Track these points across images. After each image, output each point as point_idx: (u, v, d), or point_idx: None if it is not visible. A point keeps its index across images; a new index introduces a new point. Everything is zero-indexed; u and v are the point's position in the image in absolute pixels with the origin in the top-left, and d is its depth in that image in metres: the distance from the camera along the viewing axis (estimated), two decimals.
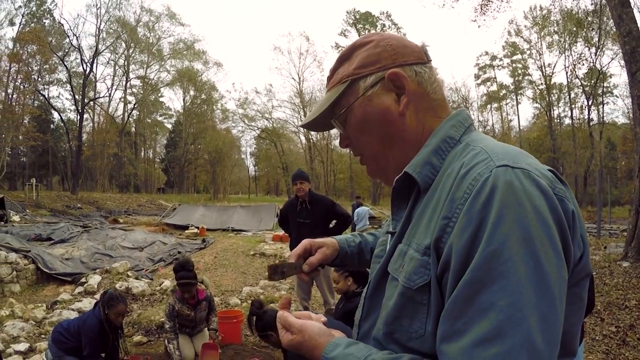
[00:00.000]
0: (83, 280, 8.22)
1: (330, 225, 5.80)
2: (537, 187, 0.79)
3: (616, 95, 44.06)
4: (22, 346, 5.30)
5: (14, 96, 40.56)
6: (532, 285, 0.74)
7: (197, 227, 16.88)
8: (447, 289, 0.82)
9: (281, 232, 14.75)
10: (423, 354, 0.88)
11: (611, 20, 15.19)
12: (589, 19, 22.33)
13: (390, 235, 1.09)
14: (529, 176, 0.80)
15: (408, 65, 1.02)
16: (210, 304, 5.45)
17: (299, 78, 55.19)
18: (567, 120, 47.51)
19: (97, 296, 5.02)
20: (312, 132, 53.55)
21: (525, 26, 46.23)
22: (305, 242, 1.35)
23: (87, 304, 6.82)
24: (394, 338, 0.94)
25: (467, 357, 0.74)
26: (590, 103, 42.60)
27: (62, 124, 45.22)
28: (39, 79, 43.84)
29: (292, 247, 6.05)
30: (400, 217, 1.04)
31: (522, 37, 47.04)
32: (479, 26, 30.14)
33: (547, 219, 0.77)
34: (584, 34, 32.19)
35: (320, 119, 1.12)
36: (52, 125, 50.82)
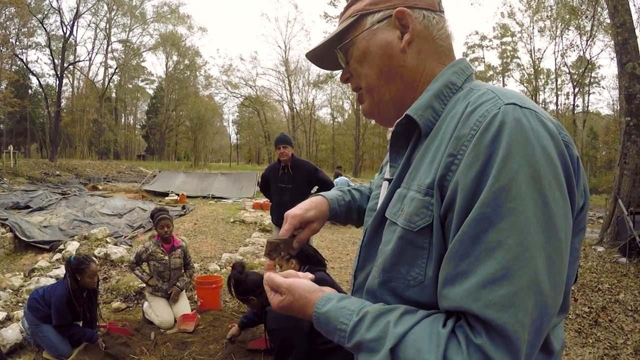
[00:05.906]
0: (61, 247, 8.17)
1: (312, 191, 5.68)
2: (545, 129, 0.78)
3: (602, 87, 44.35)
4: None
5: None
6: (540, 225, 0.72)
7: (177, 194, 16.77)
8: (452, 229, 0.79)
9: (261, 200, 14.77)
10: (421, 304, 0.86)
11: (605, 11, 15.15)
12: (583, 7, 22.21)
13: (387, 182, 1.07)
14: (537, 117, 0.79)
15: (418, 8, 1.02)
16: (186, 255, 5.60)
17: (285, 46, 55.00)
18: (552, 107, 47.62)
19: None
20: (296, 101, 53.67)
21: (519, 9, 45.95)
22: (294, 221, 1.24)
23: None
24: (390, 287, 0.92)
25: (472, 299, 0.72)
26: (576, 91, 42.83)
27: (41, 89, 43.89)
28: (17, 43, 42.44)
29: (272, 213, 6.01)
30: (398, 164, 1.03)
31: (514, 19, 46.57)
32: (471, 4, 29.59)
33: (555, 160, 0.76)
34: (577, 22, 31.93)
35: (325, 49, 1.13)
36: (30, 91, 49.66)
